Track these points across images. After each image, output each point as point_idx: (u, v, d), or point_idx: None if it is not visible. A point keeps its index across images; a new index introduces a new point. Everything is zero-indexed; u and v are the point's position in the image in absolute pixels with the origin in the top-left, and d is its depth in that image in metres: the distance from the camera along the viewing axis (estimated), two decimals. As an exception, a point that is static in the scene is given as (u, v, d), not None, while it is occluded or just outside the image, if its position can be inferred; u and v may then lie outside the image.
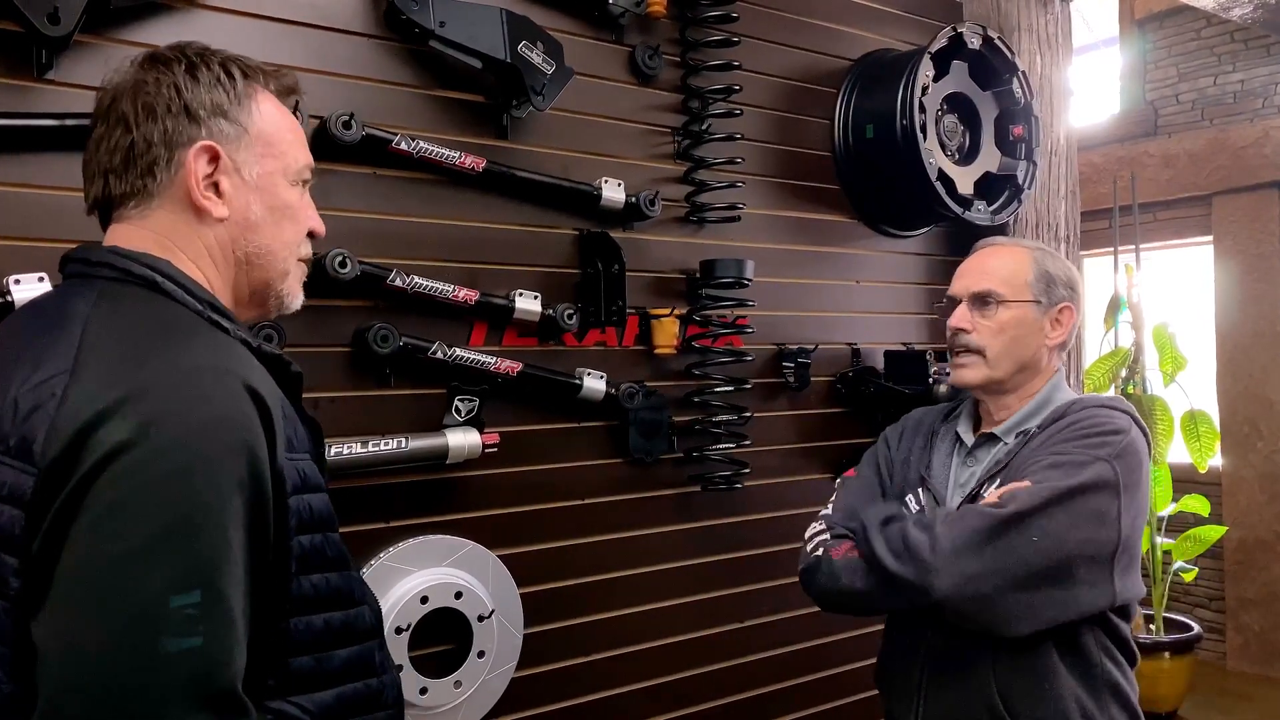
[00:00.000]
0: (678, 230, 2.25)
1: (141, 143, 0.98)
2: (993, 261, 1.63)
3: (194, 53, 1.04)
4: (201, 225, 1.01)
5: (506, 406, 1.97)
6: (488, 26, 1.84)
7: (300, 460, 0.96)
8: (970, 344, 1.61)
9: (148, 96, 0.99)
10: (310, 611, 0.95)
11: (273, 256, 1.06)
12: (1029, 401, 1.60)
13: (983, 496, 1.52)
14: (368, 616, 1.05)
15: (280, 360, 1.00)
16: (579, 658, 2.08)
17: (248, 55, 1.65)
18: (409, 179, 1.87)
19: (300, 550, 0.93)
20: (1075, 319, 1.60)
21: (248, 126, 1.03)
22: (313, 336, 1.76)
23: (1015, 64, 2.56)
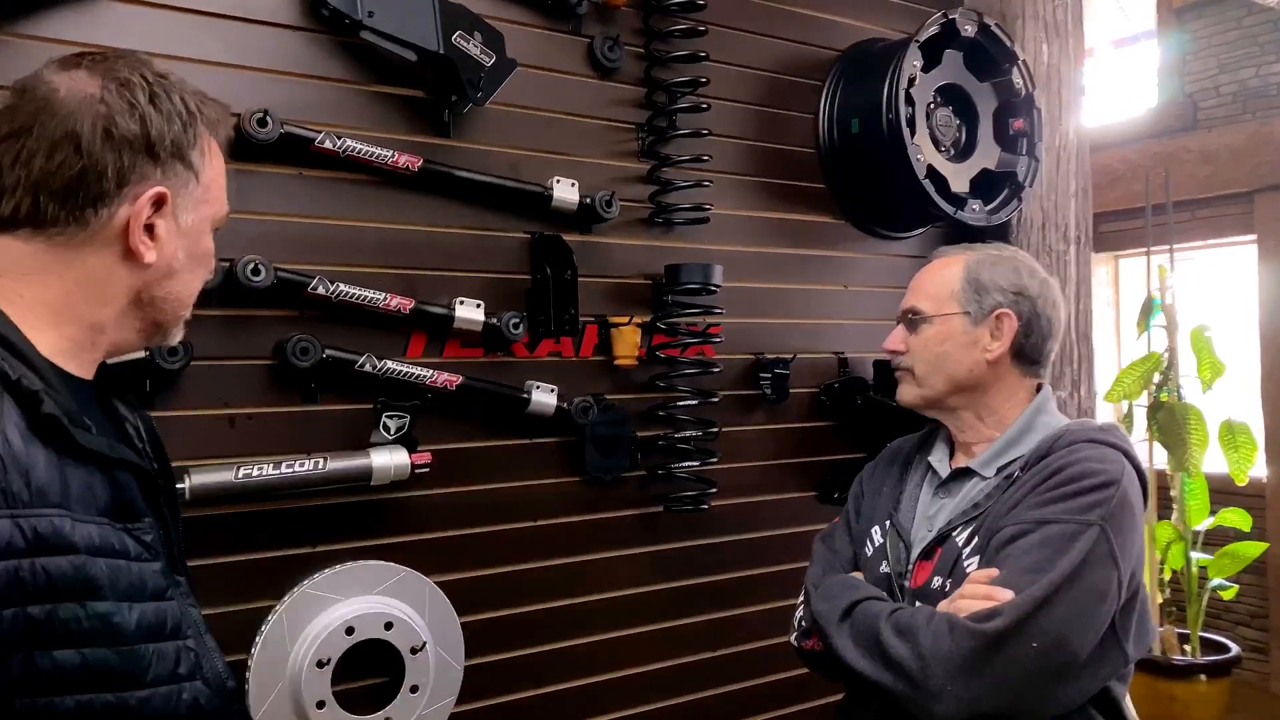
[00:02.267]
0: (642, 233, 2.10)
1: (93, 172, 0.91)
2: (925, 276, 1.53)
3: (152, 75, 0.96)
4: (118, 264, 0.94)
5: (448, 423, 1.84)
6: (419, 15, 1.72)
7: (33, 515, 0.82)
8: (901, 364, 1.50)
9: (107, 119, 0.91)
10: (50, 692, 0.82)
11: (179, 304, 1.02)
12: (1006, 429, 1.44)
13: (954, 539, 1.37)
14: (175, 700, 0.91)
15: (31, 398, 0.85)
16: (530, 690, 1.95)
17: (165, 50, 1.59)
18: (338, 180, 1.75)
19: (21, 623, 0.80)
20: (1017, 325, 1.44)
21: (198, 173, 0.98)
22: (229, 348, 1.65)
23: (1015, 52, 2.38)
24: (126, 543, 0.89)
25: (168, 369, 1.55)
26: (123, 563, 0.88)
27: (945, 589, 1.34)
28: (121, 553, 0.88)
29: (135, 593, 0.88)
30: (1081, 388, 2.71)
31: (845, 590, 1.41)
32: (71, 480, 0.86)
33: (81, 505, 0.86)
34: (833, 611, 1.38)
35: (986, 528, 1.34)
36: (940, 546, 1.38)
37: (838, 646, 1.34)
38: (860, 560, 1.52)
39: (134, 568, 0.89)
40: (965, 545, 1.35)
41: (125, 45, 1.52)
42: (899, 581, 1.41)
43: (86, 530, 0.86)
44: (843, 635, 1.34)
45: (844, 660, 1.33)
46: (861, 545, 1.52)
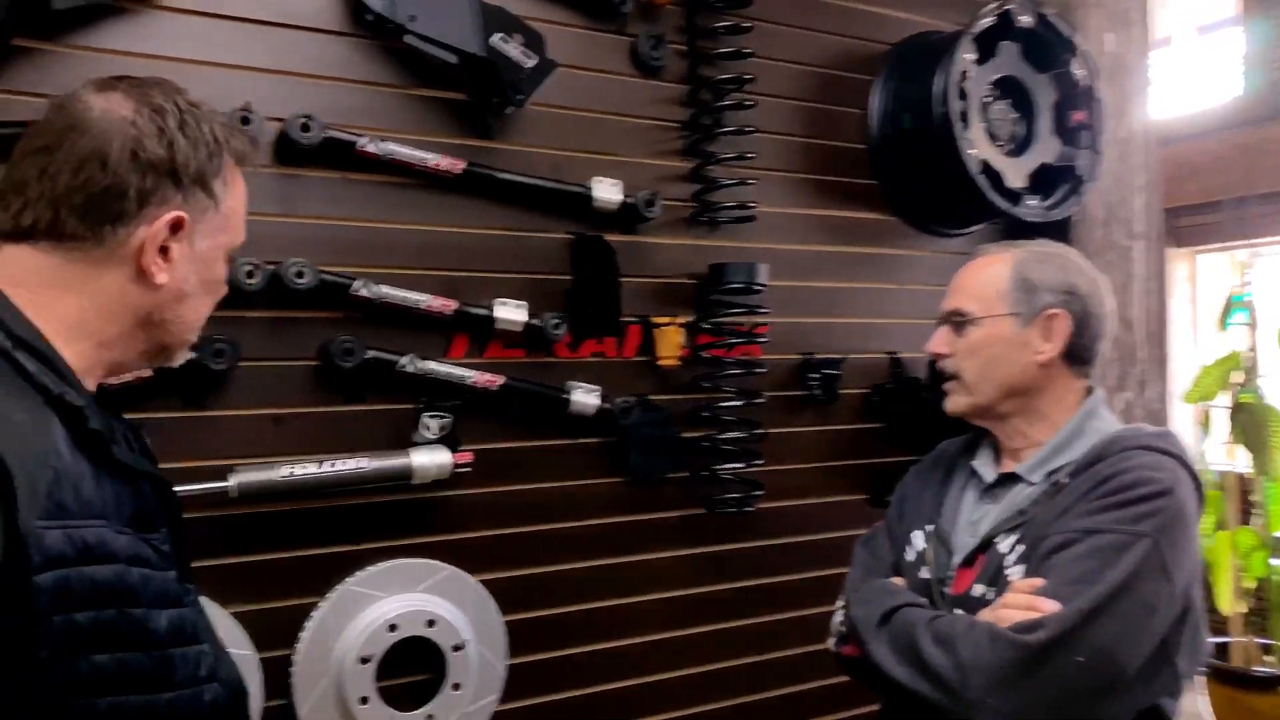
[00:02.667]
0: (686, 232, 2.09)
1: (116, 190, 0.93)
2: (968, 276, 1.46)
3: (186, 104, 0.99)
4: (130, 284, 0.96)
5: (490, 423, 1.85)
6: (459, 18, 1.73)
7: (82, 527, 0.85)
8: (947, 369, 1.44)
9: (136, 142, 0.94)
10: (86, 695, 0.85)
11: (186, 327, 1.04)
12: (1055, 433, 1.39)
13: (997, 546, 1.32)
14: (198, 701, 0.94)
15: (76, 413, 0.88)
16: (572, 690, 1.95)
17: (213, 58, 1.63)
18: (381, 183, 1.77)
19: (68, 629, 0.83)
20: (1069, 325, 1.38)
21: (219, 202, 1.00)
22: (274, 349, 1.69)
23: (1074, 42, 2.30)
24: (149, 553, 0.92)
25: (215, 370, 1.59)
26: (150, 571, 0.91)
27: (987, 597, 1.30)
28: (147, 562, 0.91)
29: (162, 599, 0.91)
30: (1150, 389, 2.61)
31: (884, 596, 1.38)
32: (107, 492, 0.89)
33: (116, 516, 0.89)
34: (870, 617, 1.35)
35: (1032, 535, 1.30)
36: (983, 554, 1.33)
37: (875, 653, 1.31)
38: (901, 565, 1.48)
39: (158, 576, 0.92)
40: (1009, 553, 1.30)
41: (174, 53, 1.61)
42: (939, 588, 1.37)
43: (123, 541, 0.89)
44: (880, 642, 1.31)
45: (881, 668, 1.30)
46: (902, 550, 1.49)
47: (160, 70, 1.56)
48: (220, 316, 1.59)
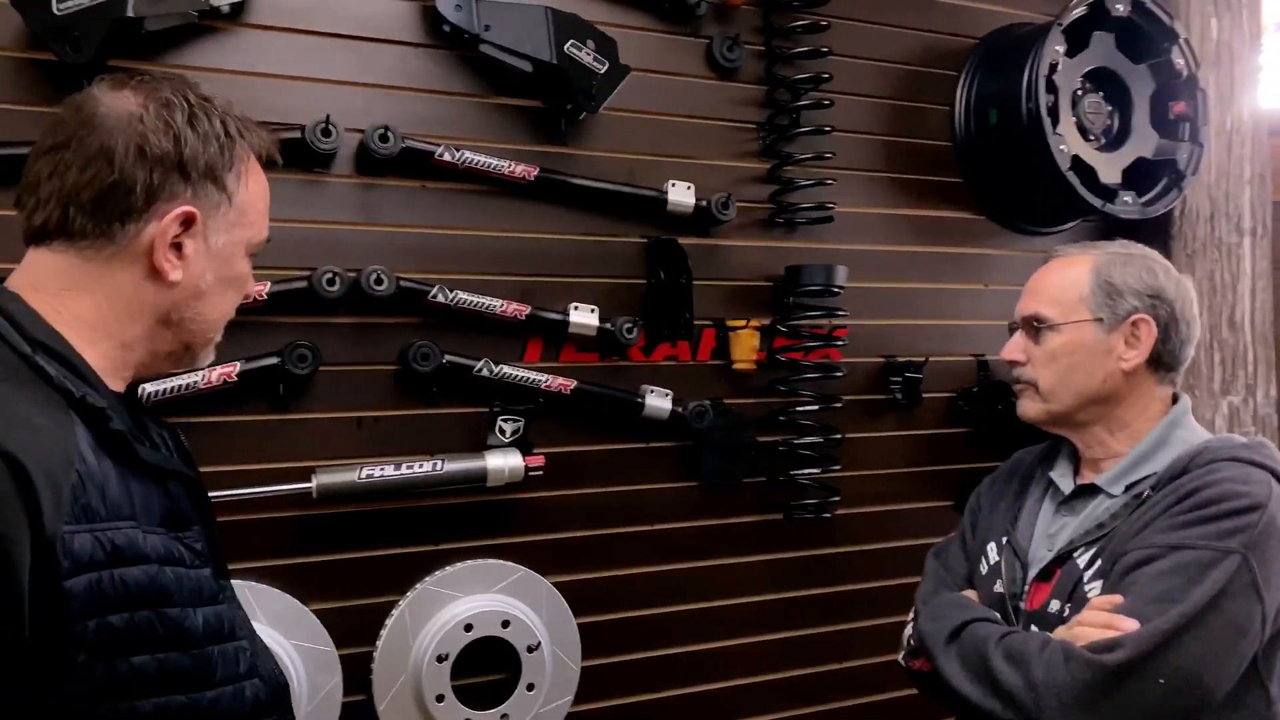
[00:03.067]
0: (762, 234, 2.07)
1: (123, 186, 0.92)
2: (1046, 279, 1.39)
3: (196, 98, 0.98)
4: (144, 282, 0.96)
5: (563, 426, 1.87)
6: (532, 27, 1.75)
7: (110, 529, 0.85)
8: (1022, 376, 1.38)
9: (141, 137, 0.93)
10: (130, 698, 0.85)
11: (207, 325, 1.03)
12: (1137, 444, 1.33)
13: (1075, 560, 1.27)
14: (240, 698, 0.95)
15: (99, 415, 0.88)
16: (646, 694, 1.95)
17: (296, 72, 1.68)
18: (458, 191, 1.80)
19: (104, 632, 0.83)
20: (1155, 331, 1.31)
21: (232, 195, 0.99)
22: (355, 354, 1.73)
23: (1175, 30, 2.20)
24: (181, 551, 0.92)
25: (298, 374, 1.65)
26: (183, 570, 0.91)
27: (1064, 614, 1.25)
28: (180, 560, 0.91)
29: (196, 598, 0.92)
30: (1258, 393, 2.47)
31: (954, 610, 1.34)
32: (135, 492, 0.89)
33: (145, 517, 0.89)
34: (940, 632, 1.31)
35: (1112, 550, 1.24)
36: (1060, 568, 1.28)
37: (944, 669, 1.28)
38: (975, 578, 1.44)
39: (191, 574, 0.92)
40: (1087, 568, 1.25)
41: (260, 69, 1.66)
42: (1013, 603, 1.33)
43: (154, 541, 0.89)
44: (950, 658, 1.27)
45: (951, 684, 1.26)
46: (976, 562, 1.44)
47: (246, 85, 1.65)
48: (303, 323, 1.67)
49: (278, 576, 1.67)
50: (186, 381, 1.58)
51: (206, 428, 1.62)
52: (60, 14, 1.46)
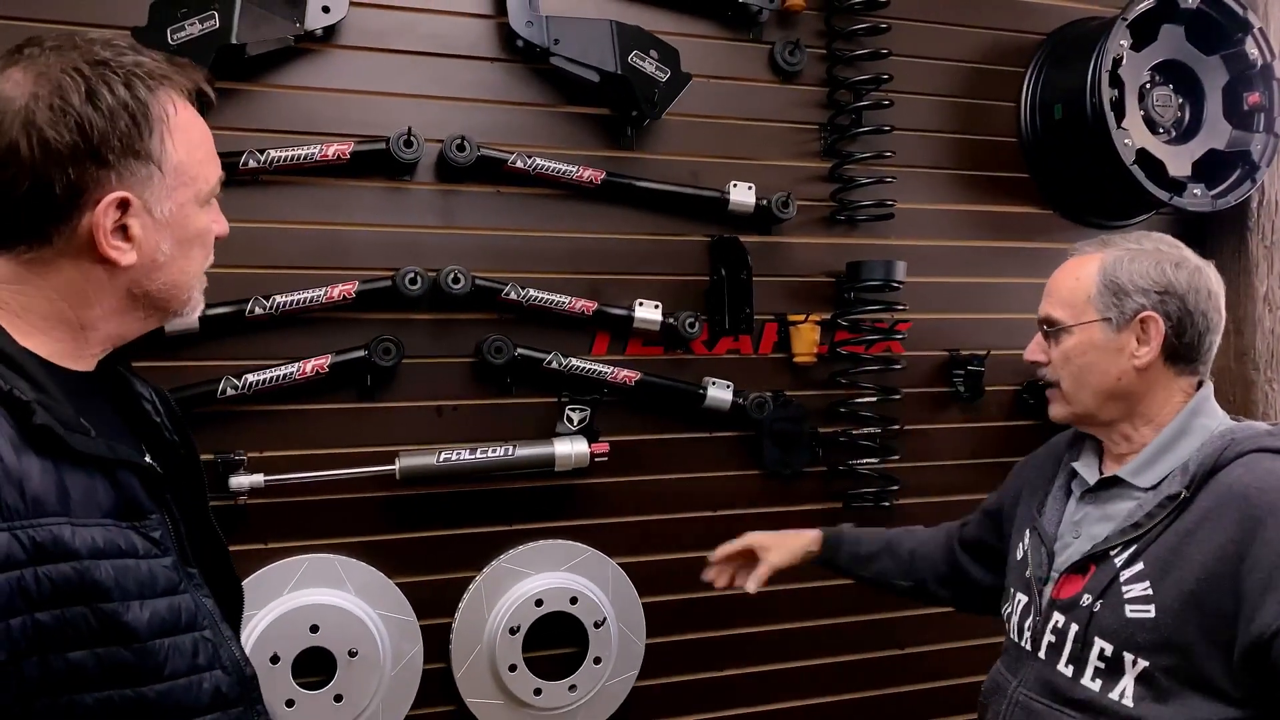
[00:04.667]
0: (824, 231, 2.14)
1: (40, 190, 0.86)
2: (1058, 280, 1.39)
3: (90, 67, 0.88)
4: (95, 268, 0.91)
5: (628, 416, 1.97)
6: (598, 40, 1.86)
7: (33, 526, 0.82)
8: (1046, 377, 1.39)
9: (39, 131, 0.85)
10: (71, 691, 0.84)
11: (176, 288, 0.98)
12: (1158, 434, 1.32)
13: (1112, 559, 1.28)
14: (197, 690, 0.92)
15: (23, 409, 0.84)
16: (708, 671, 2.05)
17: (380, 88, 1.82)
18: (530, 195, 1.92)
19: (31, 630, 0.81)
20: (1165, 327, 1.29)
21: (160, 162, 0.91)
22: (437, 348, 1.87)
23: (1248, 20, 2.17)
24: (134, 541, 0.89)
25: (384, 366, 1.79)
26: (131, 561, 0.88)
27: (1094, 608, 1.27)
28: (129, 552, 0.88)
29: (146, 589, 0.89)
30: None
31: None
32: (72, 486, 0.86)
33: (84, 509, 0.86)
34: None
35: (1155, 556, 1.24)
36: (1095, 564, 1.30)
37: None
38: (1010, 562, 1.48)
39: (143, 565, 0.89)
40: (1124, 567, 1.25)
41: (348, 86, 1.81)
42: (1039, 587, 1.37)
43: (89, 534, 0.85)
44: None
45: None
46: (1015, 545, 1.48)
47: (336, 101, 1.80)
48: (387, 319, 1.82)
49: (365, 551, 1.82)
50: (283, 372, 1.74)
51: (300, 414, 1.79)
52: (174, 43, 1.63)
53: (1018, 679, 1.35)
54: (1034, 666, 1.33)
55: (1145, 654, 1.20)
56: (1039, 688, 1.31)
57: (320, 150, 1.75)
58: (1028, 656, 1.35)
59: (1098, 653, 1.24)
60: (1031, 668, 1.33)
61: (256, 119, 1.75)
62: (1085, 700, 1.25)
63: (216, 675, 0.95)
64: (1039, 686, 1.31)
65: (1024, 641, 1.37)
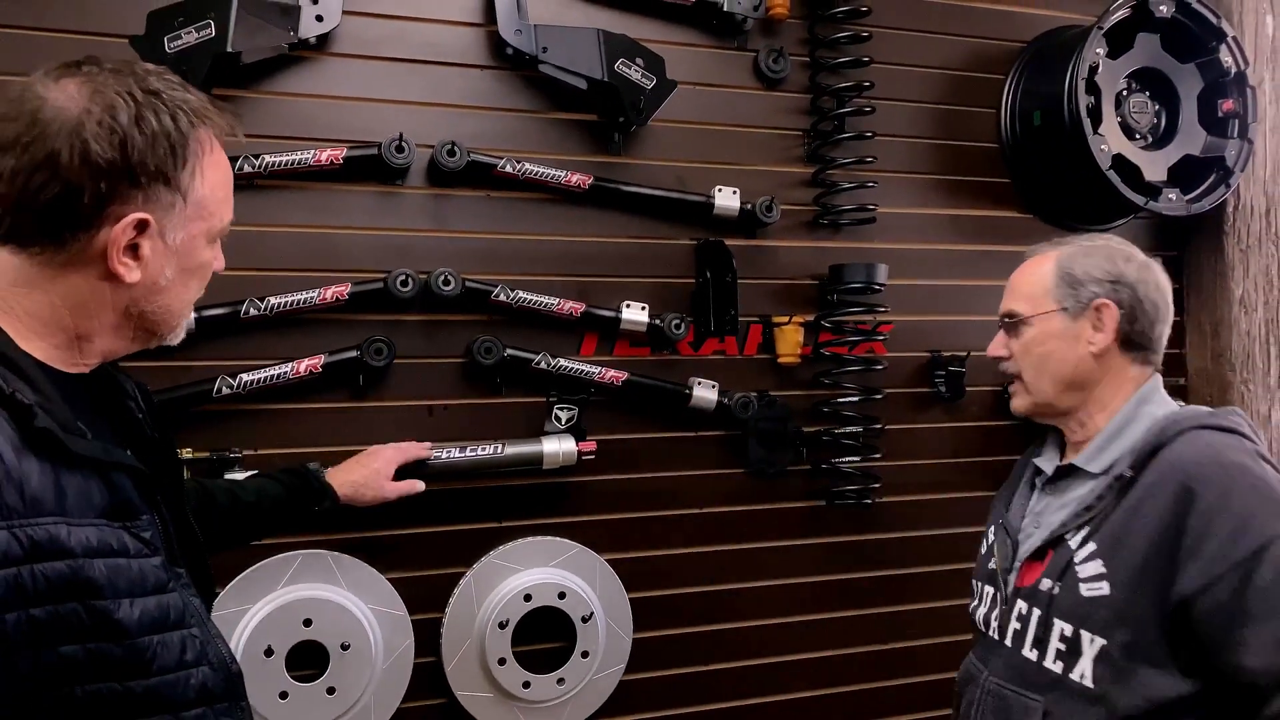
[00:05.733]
0: (807, 235, 2.19)
1: (70, 197, 0.91)
2: (1017, 278, 1.48)
3: (143, 93, 0.94)
4: (100, 282, 0.95)
5: (615, 415, 2.02)
6: (586, 48, 1.91)
7: (30, 525, 0.86)
8: (1008, 370, 1.47)
9: (85, 145, 0.90)
10: (62, 684, 0.88)
11: (169, 314, 1.02)
12: (1109, 421, 1.39)
13: (1067, 543, 1.34)
14: (184, 685, 0.96)
15: (25, 412, 0.88)
16: (694, 666, 2.09)
17: (373, 94, 1.87)
18: (519, 199, 1.97)
19: (25, 625, 0.85)
20: (1119, 313, 1.37)
21: (187, 192, 0.97)
22: (429, 348, 1.92)
23: (1222, 29, 2.23)
24: (125, 541, 0.92)
25: (375, 366, 1.83)
26: (123, 561, 0.91)
27: (1054, 591, 1.32)
28: (121, 551, 0.91)
29: (136, 588, 0.92)
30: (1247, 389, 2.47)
31: None
32: (67, 486, 0.89)
33: (79, 509, 0.89)
34: None
35: (1106, 534, 1.30)
36: (1052, 549, 1.36)
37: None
38: (977, 555, 1.53)
39: (134, 565, 0.92)
40: (1079, 549, 1.32)
41: (341, 93, 1.85)
42: (1003, 577, 1.42)
43: (83, 534, 0.88)
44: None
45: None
46: (980, 546, 1.54)
47: (330, 107, 1.84)
48: (379, 319, 1.86)
49: (358, 548, 1.86)
50: (277, 372, 1.78)
51: (295, 413, 1.83)
52: (170, 51, 1.67)
53: (988, 668, 1.40)
54: (1002, 654, 1.38)
55: (1102, 631, 1.26)
56: (1008, 674, 1.36)
57: (314, 155, 1.80)
58: (996, 646, 1.40)
59: (1058, 634, 1.29)
60: (1000, 656, 1.39)
61: (252, 125, 1.79)
62: (1049, 683, 1.30)
63: (204, 671, 0.98)
64: (1008, 673, 1.36)
65: (991, 632, 1.42)
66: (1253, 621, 1.16)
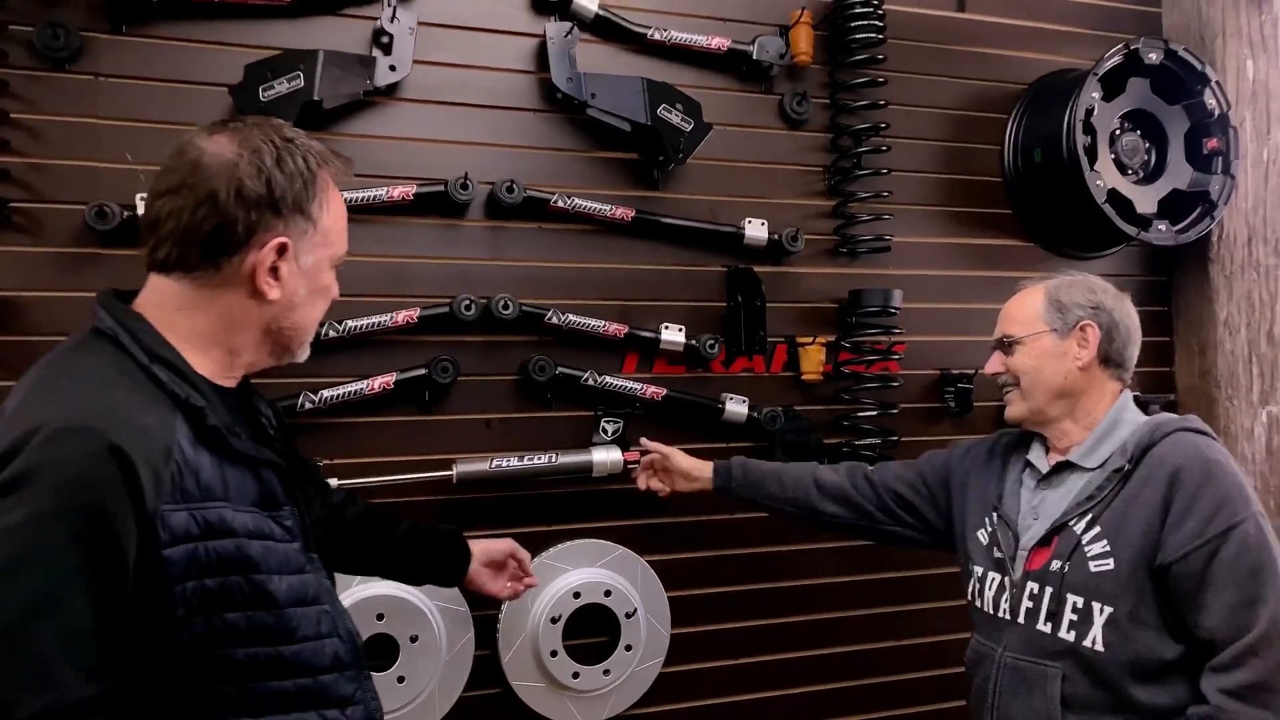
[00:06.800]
0: (829, 262, 2.38)
1: (227, 225, 1.08)
2: (1010, 307, 1.73)
3: (281, 140, 1.13)
4: (248, 300, 1.12)
5: (657, 428, 2.19)
6: (630, 94, 2.10)
7: (204, 508, 1.01)
8: (1006, 382, 1.70)
9: (239, 182, 1.08)
10: (226, 646, 1.02)
11: (302, 331, 1.20)
12: (1090, 430, 1.62)
13: (1071, 528, 1.55)
14: (320, 652, 1.11)
15: (199, 414, 1.05)
16: (727, 659, 2.27)
17: (438, 136, 2.06)
18: (569, 231, 2.16)
19: (200, 593, 1.00)
20: (1100, 333, 1.61)
21: (316, 222, 1.15)
22: (486, 366, 2.10)
23: (1206, 74, 2.43)
24: (272, 528, 1.08)
25: (441, 384, 2.02)
26: (271, 543, 1.07)
27: (1064, 570, 1.53)
28: (270, 535, 1.07)
29: (283, 567, 1.08)
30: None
31: None
32: (229, 478, 1.06)
33: (238, 498, 1.06)
34: None
35: (1109, 518, 1.51)
36: (1058, 535, 1.57)
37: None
38: (972, 546, 1.74)
39: (280, 548, 1.08)
40: (1084, 532, 1.53)
41: (411, 134, 2.04)
42: (1010, 565, 1.62)
43: (243, 518, 1.05)
44: None
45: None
46: (974, 530, 1.74)
47: (400, 148, 2.03)
48: (444, 340, 2.05)
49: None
50: (355, 389, 1.96)
51: (368, 426, 2.01)
52: (264, 100, 1.86)
53: (1002, 645, 1.60)
54: (1015, 631, 1.58)
55: (1109, 601, 1.48)
56: (1023, 648, 1.56)
57: (387, 192, 1.98)
58: (1007, 625, 1.60)
59: (1071, 606, 1.50)
60: (1013, 632, 1.58)
61: (334, 165, 1.98)
62: (1063, 650, 1.51)
63: (335, 642, 1.15)
64: (1023, 647, 1.56)
65: (1001, 612, 1.62)
66: (1214, 589, 1.42)
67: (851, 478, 1.95)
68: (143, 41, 1.88)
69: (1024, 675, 1.55)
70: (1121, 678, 1.46)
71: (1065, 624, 1.51)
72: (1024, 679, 1.55)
